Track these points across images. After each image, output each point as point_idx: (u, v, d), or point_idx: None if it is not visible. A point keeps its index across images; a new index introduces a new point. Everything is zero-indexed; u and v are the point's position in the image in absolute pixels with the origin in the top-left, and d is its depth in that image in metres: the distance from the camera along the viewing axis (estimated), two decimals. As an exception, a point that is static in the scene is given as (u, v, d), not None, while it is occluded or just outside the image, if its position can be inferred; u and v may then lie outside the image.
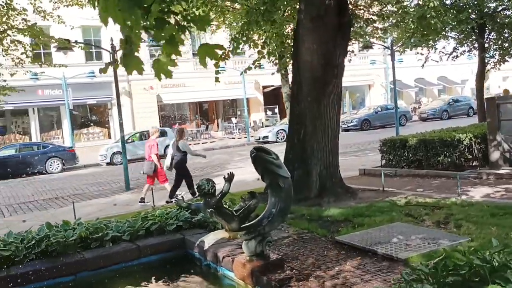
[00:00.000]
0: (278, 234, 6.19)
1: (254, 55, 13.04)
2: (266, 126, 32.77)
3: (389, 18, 13.64)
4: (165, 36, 3.07)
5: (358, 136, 26.47)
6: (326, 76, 8.42)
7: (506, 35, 17.34)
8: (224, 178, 4.77)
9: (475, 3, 15.48)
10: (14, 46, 12.71)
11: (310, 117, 8.48)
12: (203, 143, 29.94)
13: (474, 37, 17.23)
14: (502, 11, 16.68)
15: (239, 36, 10.12)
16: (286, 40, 12.32)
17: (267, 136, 28.02)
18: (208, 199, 4.71)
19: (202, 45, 3.28)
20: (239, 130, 33.82)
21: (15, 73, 13.07)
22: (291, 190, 5.06)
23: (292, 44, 10.45)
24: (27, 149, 22.39)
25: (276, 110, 36.16)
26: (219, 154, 23.54)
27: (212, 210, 4.72)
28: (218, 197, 4.72)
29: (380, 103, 36.69)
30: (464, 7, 15.36)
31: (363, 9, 14.24)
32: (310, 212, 7.34)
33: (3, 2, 11.99)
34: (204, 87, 31.17)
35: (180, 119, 36.42)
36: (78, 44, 15.32)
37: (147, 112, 31.85)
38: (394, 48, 20.56)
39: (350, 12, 10.70)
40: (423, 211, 6.81)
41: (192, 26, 3.20)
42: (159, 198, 10.77)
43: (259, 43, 11.94)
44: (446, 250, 3.89)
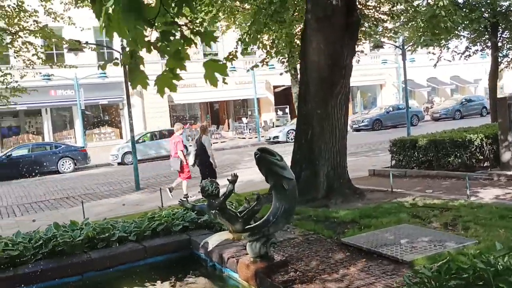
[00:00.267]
0: (284, 235, 6.18)
1: (264, 55, 13.04)
2: (276, 126, 32.69)
3: (399, 17, 13.52)
4: (170, 50, 3.01)
5: (369, 136, 26.31)
6: (333, 77, 8.37)
7: (520, 33, 17.10)
8: (228, 179, 4.78)
9: (488, 1, 15.27)
10: (25, 48, 12.87)
11: (318, 117, 8.44)
12: (214, 143, 29.89)
13: (487, 36, 17.01)
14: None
15: (246, 36, 10.10)
16: (294, 40, 12.28)
17: (277, 136, 27.92)
18: (212, 201, 4.72)
19: (210, 60, 3.20)
20: (249, 130, 33.79)
21: (25, 75, 13.21)
22: (295, 192, 5.05)
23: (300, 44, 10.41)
24: (39, 149, 22.65)
25: (287, 110, 36.05)
26: (229, 154, 23.58)
27: (216, 211, 4.73)
28: (222, 198, 4.73)
29: (392, 103, 36.38)
30: (476, 6, 15.17)
31: (372, 8, 14.13)
32: (316, 213, 7.31)
33: (14, 4, 12.16)
34: (215, 87, 31.11)
35: (191, 119, 36.53)
36: (88, 45, 15.47)
37: (158, 112, 31.99)
38: (405, 47, 20.40)
39: (359, 12, 10.62)
40: (431, 213, 6.74)
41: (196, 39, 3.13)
42: (168, 198, 10.82)
43: (267, 44, 11.92)
44: (450, 253, 3.85)
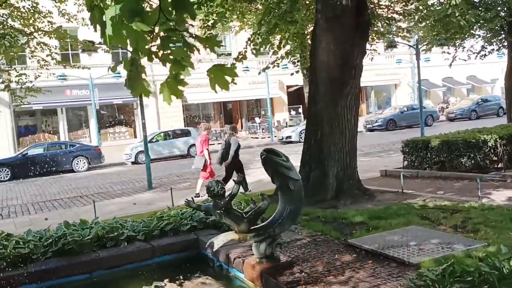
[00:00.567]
0: (291, 236, 6.17)
1: (275, 56, 13.03)
2: (289, 126, 32.63)
3: (411, 16, 13.39)
4: (173, 59, 2.93)
5: (383, 137, 26.12)
6: (343, 77, 8.33)
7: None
8: (233, 180, 4.79)
9: (504, 0, 15.04)
10: (40, 48, 13.06)
11: (327, 118, 8.40)
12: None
13: (503, 35, 16.75)
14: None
15: (255, 37, 10.10)
16: (306, 40, 12.24)
17: (290, 136, 27.87)
18: (218, 201, 4.73)
19: (214, 66, 3.04)
20: (262, 130, 33.79)
21: (39, 75, 13.41)
22: (301, 192, 5.04)
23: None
24: (54, 148, 22.95)
25: (300, 110, 35.93)
26: (242, 154, 23.30)
27: (221, 211, 4.75)
28: (228, 199, 4.74)
29: (407, 103, 36.06)
30: (492, 5, 14.95)
31: (385, 8, 14.02)
32: (325, 214, 7.28)
33: (29, 5, 12.35)
34: (227, 90, 31.12)
35: (204, 118, 36.66)
36: (102, 46, 15.60)
37: (172, 112, 32.13)
38: (420, 47, 20.20)
39: (371, 11, 10.56)
40: (441, 215, 6.67)
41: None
42: (179, 198, 10.86)
43: (275, 44, 11.91)
44: (454, 256, 3.80)
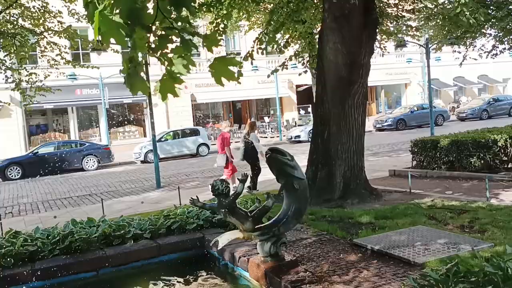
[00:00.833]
0: (297, 235, 6.17)
1: (286, 54, 13.00)
2: (298, 125, 32.55)
3: (420, 13, 13.28)
4: (172, 57, 2.89)
5: (392, 136, 25.98)
6: (351, 76, 8.30)
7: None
8: (238, 179, 4.79)
9: (515, -1, 14.87)
10: (50, 48, 13.17)
11: (334, 117, 8.37)
12: (236, 142, 30.03)
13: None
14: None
15: (262, 36, 10.09)
16: (314, 40, 12.18)
17: (299, 136, 27.80)
18: (222, 199, 4.74)
19: (216, 59, 2.95)
20: (271, 129, 33.74)
21: (49, 74, 13.51)
22: (306, 192, 5.04)
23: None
24: (65, 147, 23.15)
25: (309, 109, 35.76)
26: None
27: (225, 210, 4.76)
28: (232, 197, 4.74)
29: (417, 103, 35.80)
30: (504, 3, 14.78)
31: (394, 6, 13.92)
32: (331, 213, 7.26)
33: (39, 5, 12.46)
34: (238, 86, 30.58)
35: (214, 118, 36.74)
36: (111, 45, 15.67)
37: (182, 111, 32.27)
38: (430, 46, 20.05)
39: (379, 10, 10.48)
40: (448, 215, 6.62)
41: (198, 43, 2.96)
42: (187, 197, 10.90)
43: (281, 44, 11.89)
44: (459, 256, 3.77)
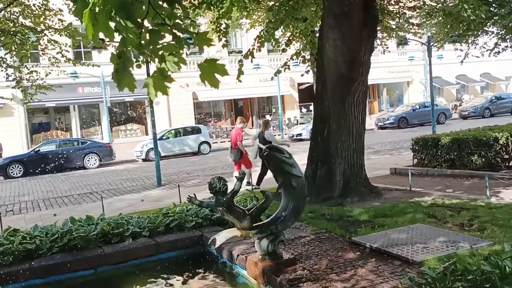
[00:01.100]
0: (296, 233, 6.16)
1: (288, 53, 12.96)
2: (300, 124, 32.51)
3: (421, 9, 13.22)
4: (163, 54, 2.83)
5: (394, 134, 25.93)
6: (351, 74, 8.25)
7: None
8: (235, 177, 4.77)
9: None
10: (51, 46, 13.16)
11: (334, 115, 8.34)
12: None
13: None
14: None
15: (263, 34, 10.07)
16: (315, 38, 12.13)
17: (300, 134, 27.75)
18: (219, 197, 4.72)
19: (206, 61, 2.89)
20: (273, 127, 33.69)
21: (50, 72, 13.51)
22: (304, 190, 5.03)
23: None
24: (66, 145, 23.13)
25: (311, 108, 35.76)
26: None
27: (223, 208, 4.74)
28: (230, 195, 4.73)
29: (419, 101, 35.70)
30: (506, 1, 14.70)
31: (395, 4, 13.85)
32: (331, 211, 7.25)
33: (39, 3, 12.45)
34: (239, 85, 30.72)
35: (215, 116, 36.72)
36: (112, 43, 15.67)
37: (183, 109, 32.29)
38: (431, 43, 19.98)
39: (380, 7, 10.43)
40: (448, 213, 6.59)
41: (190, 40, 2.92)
42: (187, 195, 10.89)
43: (282, 42, 11.85)
44: (456, 254, 3.75)
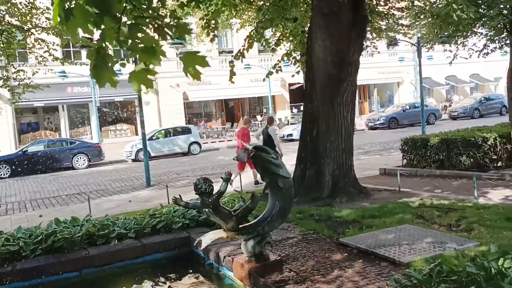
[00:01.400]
0: (283, 234, 6.12)
1: (279, 53, 12.93)
2: (291, 124, 32.50)
3: (410, 10, 13.27)
4: (143, 47, 2.85)
5: (384, 135, 26.02)
6: (340, 74, 8.22)
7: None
8: (221, 177, 4.72)
9: (507, -3, 14.86)
10: (38, 45, 12.99)
11: (323, 115, 8.31)
12: (228, 140, 29.97)
13: (505, 33, 16.56)
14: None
15: (253, 34, 10.02)
16: (304, 39, 12.11)
17: (291, 134, 27.73)
18: (205, 198, 4.66)
19: (187, 53, 2.95)
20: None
21: (37, 71, 13.34)
22: (291, 190, 4.99)
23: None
24: (55, 145, 22.89)
25: (302, 108, 35.78)
26: (242, 152, 23.48)
27: (209, 209, 4.68)
28: (215, 196, 4.67)
29: (409, 101, 35.88)
30: (495, 2, 14.78)
31: (384, 4, 13.86)
32: (319, 212, 7.21)
33: (26, 1, 12.28)
34: (230, 85, 30.73)
35: (206, 116, 36.61)
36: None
37: (174, 109, 32.16)
38: (421, 44, 20.05)
39: (369, 7, 10.42)
40: (435, 213, 6.59)
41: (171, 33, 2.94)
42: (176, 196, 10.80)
43: (272, 42, 11.82)
44: (442, 256, 3.73)
